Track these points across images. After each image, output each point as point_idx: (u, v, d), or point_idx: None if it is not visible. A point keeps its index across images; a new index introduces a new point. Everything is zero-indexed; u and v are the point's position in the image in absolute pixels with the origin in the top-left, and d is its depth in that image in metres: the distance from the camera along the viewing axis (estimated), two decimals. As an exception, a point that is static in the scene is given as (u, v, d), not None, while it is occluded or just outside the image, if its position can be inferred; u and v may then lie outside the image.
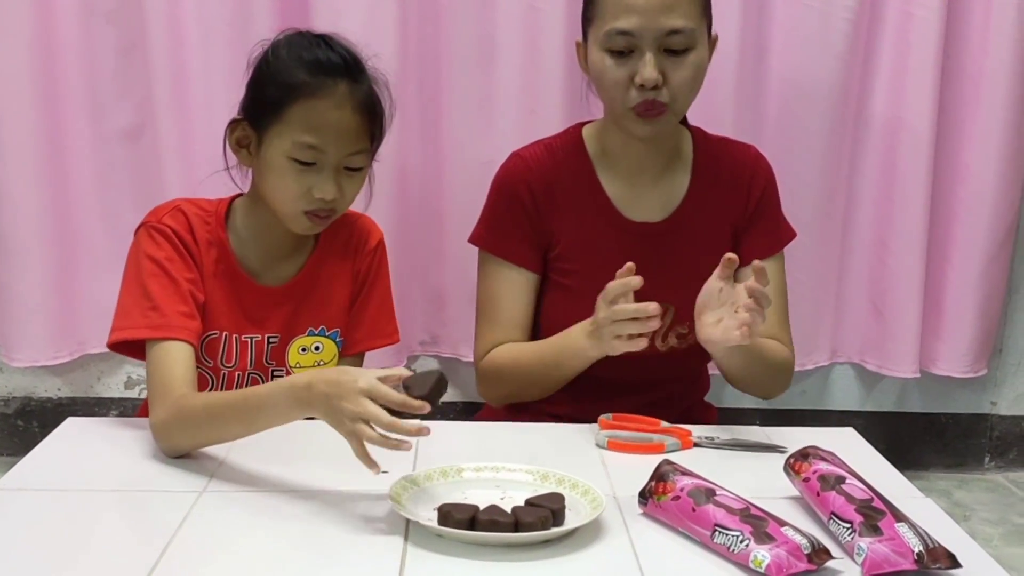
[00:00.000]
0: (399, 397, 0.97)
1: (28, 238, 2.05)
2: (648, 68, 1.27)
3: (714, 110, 2.00)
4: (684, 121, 1.44)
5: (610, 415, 1.28)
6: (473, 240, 1.45)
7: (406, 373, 1.01)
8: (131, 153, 2.06)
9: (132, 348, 1.28)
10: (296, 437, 1.19)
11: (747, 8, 2.04)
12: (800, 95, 2.09)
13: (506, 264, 1.41)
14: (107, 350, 1.33)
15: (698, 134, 1.47)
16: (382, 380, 0.99)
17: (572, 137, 1.45)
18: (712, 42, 1.37)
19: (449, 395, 2.25)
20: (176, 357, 1.22)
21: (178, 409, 1.16)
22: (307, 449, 1.19)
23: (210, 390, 1.35)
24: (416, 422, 0.98)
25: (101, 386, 2.26)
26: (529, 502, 0.99)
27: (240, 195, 1.39)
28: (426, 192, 2.10)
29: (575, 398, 1.41)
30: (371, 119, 1.31)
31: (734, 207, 1.44)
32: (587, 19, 1.36)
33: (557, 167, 1.42)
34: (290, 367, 1.38)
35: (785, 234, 1.48)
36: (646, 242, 1.40)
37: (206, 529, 0.98)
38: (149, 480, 1.10)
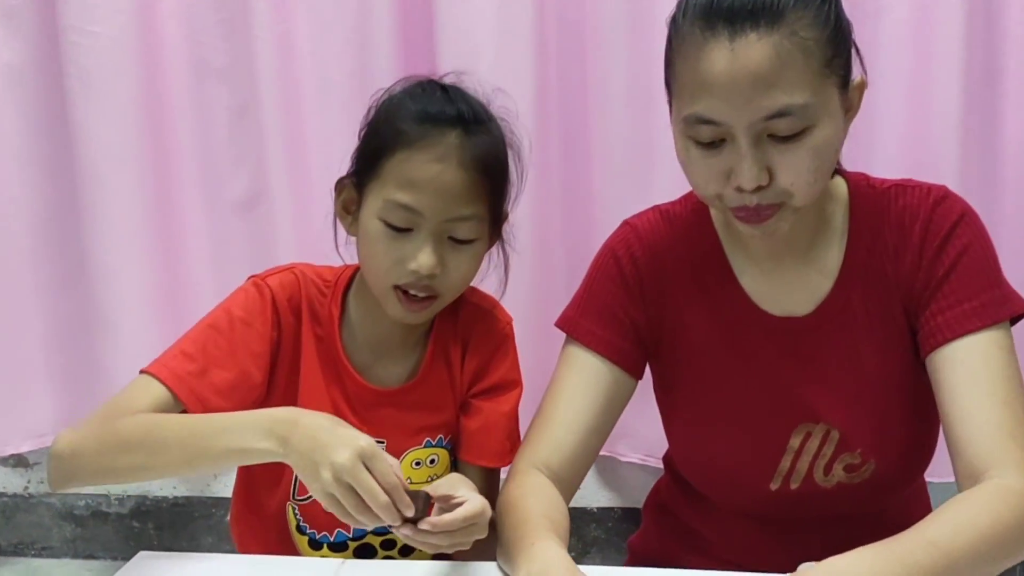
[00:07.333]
0: (393, 479, 0.91)
1: (133, 320, 1.99)
2: (746, 170, 1.00)
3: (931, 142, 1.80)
4: (840, 170, 1.17)
5: (813, 563, 0.97)
6: (558, 323, 1.23)
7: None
8: (246, 225, 1.99)
9: None
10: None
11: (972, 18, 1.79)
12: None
13: (583, 349, 1.18)
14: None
15: (858, 187, 1.17)
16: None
17: (695, 205, 1.20)
18: (855, 92, 1.06)
19: (605, 500, 2.13)
20: (151, 396, 1.09)
21: (105, 420, 1.06)
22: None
23: (294, 492, 1.23)
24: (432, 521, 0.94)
25: (218, 484, 2.18)
26: None
27: None
28: (571, 268, 1.91)
29: (745, 543, 1.21)
30: (485, 179, 1.14)
31: (902, 277, 1.13)
32: (667, 83, 1.09)
33: (676, 241, 1.20)
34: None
35: (1003, 301, 1.10)
36: (791, 343, 1.16)
37: None
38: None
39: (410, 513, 0.91)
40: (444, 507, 0.95)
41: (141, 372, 1.11)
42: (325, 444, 0.92)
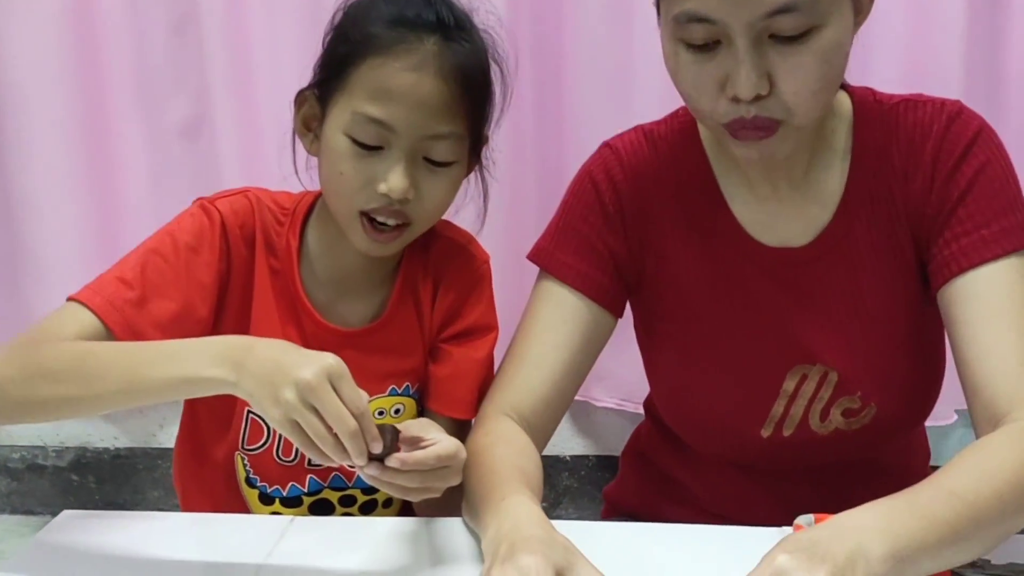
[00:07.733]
0: (362, 404, 0.84)
1: (62, 257, 1.94)
2: (743, 77, 0.93)
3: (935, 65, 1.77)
4: (843, 84, 1.11)
5: (811, 516, 0.94)
6: (530, 255, 1.19)
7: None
8: (187, 153, 1.93)
9: None
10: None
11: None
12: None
13: (557, 283, 1.15)
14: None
15: (863, 102, 1.12)
16: None
17: (682, 124, 1.16)
18: None
19: (579, 447, 2.14)
20: (78, 325, 1.01)
21: (26, 347, 0.97)
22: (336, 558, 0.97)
23: (267, 439, 1.17)
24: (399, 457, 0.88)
25: (164, 435, 2.12)
26: None
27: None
28: (544, 194, 1.86)
29: (731, 493, 1.19)
30: (466, 94, 1.07)
31: (912, 202, 1.09)
32: None
33: (660, 164, 1.15)
34: None
35: (1021, 227, 1.06)
36: (787, 276, 1.12)
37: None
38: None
39: (378, 449, 0.84)
40: (412, 451, 0.89)
41: (69, 299, 1.04)
42: (288, 363, 0.85)
